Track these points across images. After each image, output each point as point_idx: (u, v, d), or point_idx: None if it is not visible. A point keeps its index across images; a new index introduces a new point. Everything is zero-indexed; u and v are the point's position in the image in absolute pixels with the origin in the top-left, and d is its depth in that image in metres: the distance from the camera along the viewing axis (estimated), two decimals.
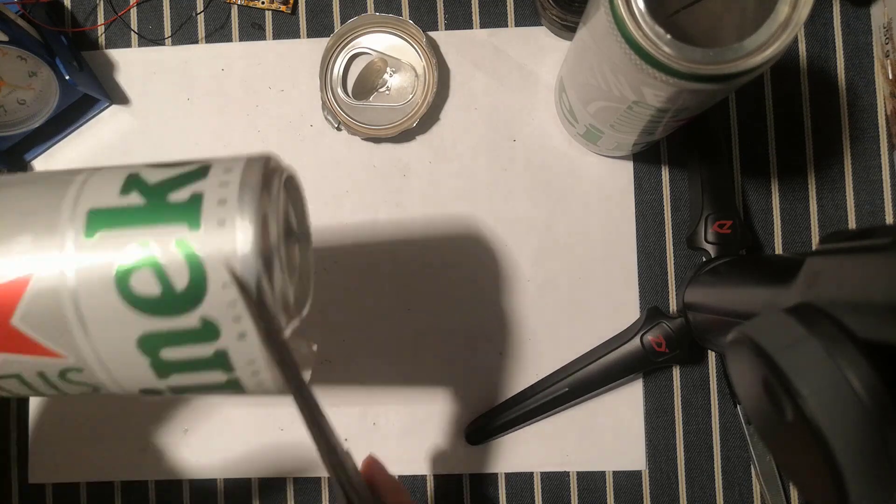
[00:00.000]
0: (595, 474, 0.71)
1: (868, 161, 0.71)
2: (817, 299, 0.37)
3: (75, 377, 0.40)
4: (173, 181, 0.38)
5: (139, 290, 0.37)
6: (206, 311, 0.37)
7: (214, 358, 0.39)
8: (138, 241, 0.37)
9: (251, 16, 0.74)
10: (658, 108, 0.52)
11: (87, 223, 0.37)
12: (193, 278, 0.37)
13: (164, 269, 0.36)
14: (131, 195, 0.37)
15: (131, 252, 0.37)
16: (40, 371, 0.40)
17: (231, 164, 0.38)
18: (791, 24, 0.43)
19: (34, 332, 0.38)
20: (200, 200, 0.37)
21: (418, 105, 0.71)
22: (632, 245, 0.72)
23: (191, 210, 0.37)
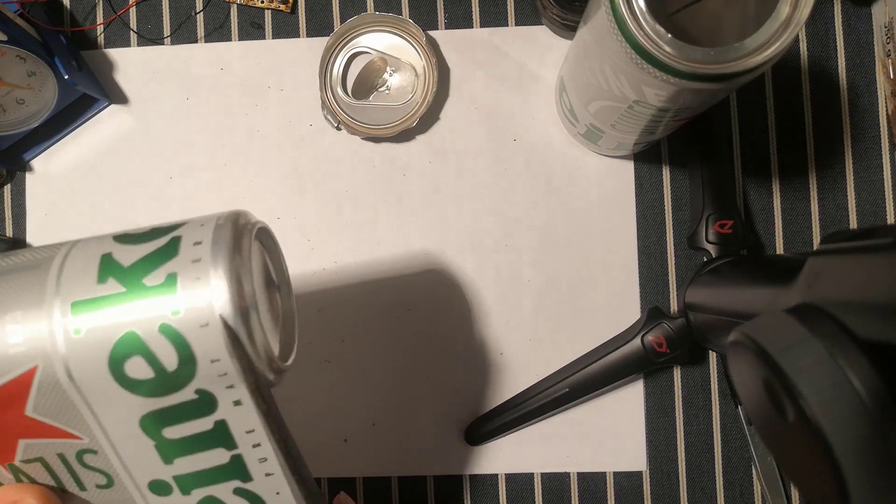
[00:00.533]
0: (596, 475, 0.71)
1: (869, 161, 0.71)
2: (818, 299, 0.36)
3: (91, 461, 0.42)
4: (146, 262, 0.38)
5: (133, 375, 0.38)
6: (199, 384, 0.39)
7: (215, 431, 0.41)
8: (125, 331, 0.38)
9: (250, 15, 0.74)
10: (659, 108, 0.52)
11: (73, 317, 0.38)
12: (182, 357, 0.38)
13: (153, 354, 0.38)
14: (108, 282, 0.38)
15: (120, 343, 0.38)
16: (60, 453, 0.42)
17: (200, 234, 0.39)
18: (792, 23, 0.43)
19: (48, 418, 0.40)
20: (175, 281, 0.38)
21: (418, 104, 0.71)
22: (632, 245, 0.72)
23: (168, 292, 0.38)
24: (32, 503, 0.42)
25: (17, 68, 0.66)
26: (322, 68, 0.72)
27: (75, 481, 0.44)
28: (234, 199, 0.73)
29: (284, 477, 0.43)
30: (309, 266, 0.72)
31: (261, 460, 0.42)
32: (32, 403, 0.39)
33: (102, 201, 0.74)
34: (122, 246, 0.39)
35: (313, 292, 0.72)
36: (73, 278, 0.39)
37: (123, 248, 0.39)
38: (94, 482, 0.44)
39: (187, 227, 0.40)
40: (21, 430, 0.41)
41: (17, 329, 0.38)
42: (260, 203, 0.73)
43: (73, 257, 0.40)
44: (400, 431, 0.72)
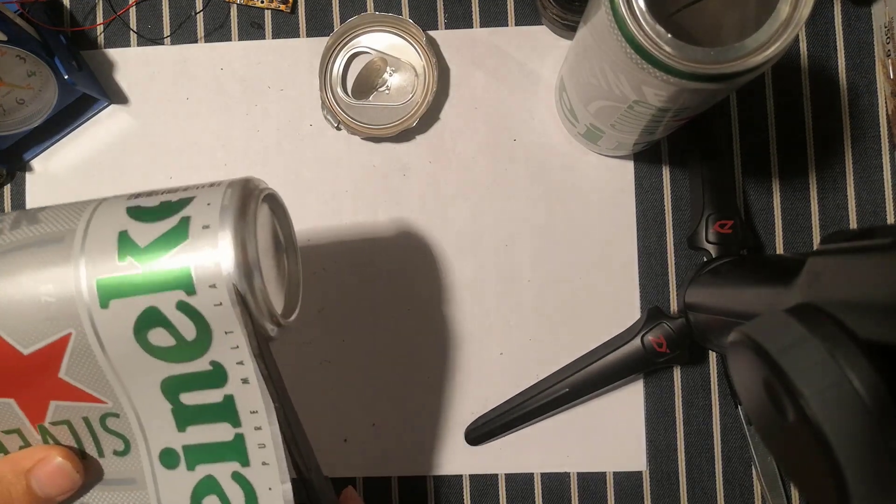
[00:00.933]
0: (596, 475, 0.71)
1: (869, 160, 0.71)
2: (818, 299, 0.36)
3: (113, 424, 0.46)
4: (161, 244, 0.41)
5: (156, 343, 0.42)
6: (214, 356, 0.43)
7: (223, 405, 0.44)
8: (146, 305, 0.41)
9: (250, 15, 0.74)
10: (659, 108, 0.52)
11: (98, 294, 0.41)
12: (199, 330, 0.41)
13: (173, 325, 0.41)
14: (127, 261, 0.41)
15: (143, 316, 0.41)
16: (85, 416, 0.46)
17: (208, 216, 0.41)
18: (792, 23, 0.43)
19: (79, 382, 0.44)
20: (190, 269, 0.40)
21: (418, 105, 0.71)
22: (632, 245, 0.72)
23: (184, 276, 0.40)
24: (59, 459, 0.46)
25: (17, 68, 0.66)
26: (322, 68, 0.71)
27: (96, 446, 0.47)
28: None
29: (279, 471, 0.45)
30: (309, 266, 0.72)
31: (260, 446, 0.45)
32: (65, 367, 0.43)
33: None
34: (137, 224, 0.42)
35: (313, 292, 0.72)
36: (95, 254, 0.41)
37: (138, 227, 0.41)
38: (112, 448, 0.47)
39: (196, 206, 0.42)
40: (53, 391, 0.44)
41: (50, 300, 0.41)
42: None
43: (93, 231, 0.42)
44: (400, 431, 0.72)
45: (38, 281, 0.41)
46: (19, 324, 0.42)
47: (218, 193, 0.42)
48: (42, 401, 0.45)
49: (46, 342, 0.42)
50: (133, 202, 0.44)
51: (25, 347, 0.42)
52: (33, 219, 0.44)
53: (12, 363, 0.42)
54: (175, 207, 0.42)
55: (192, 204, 0.42)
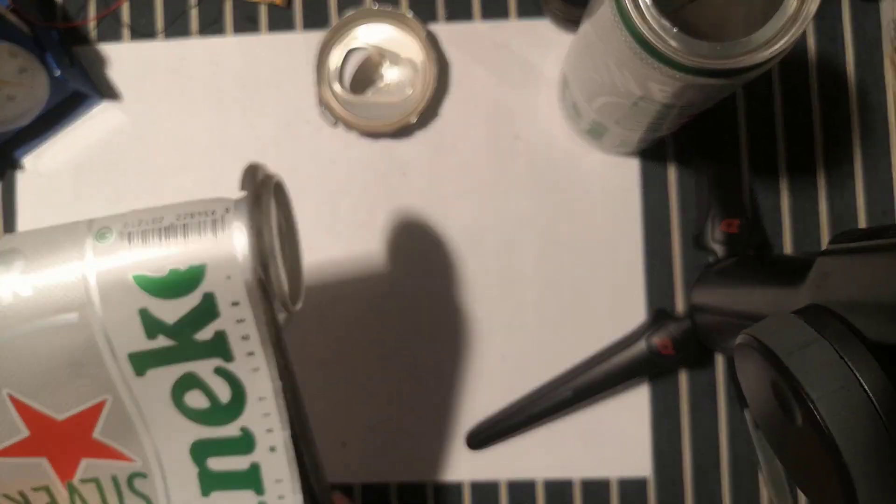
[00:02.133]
0: (599, 481, 0.71)
1: (878, 159, 0.70)
2: (827, 300, 0.37)
3: (140, 485, 0.47)
4: (192, 321, 0.41)
5: (192, 404, 0.43)
6: (245, 422, 0.44)
7: (249, 473, 0.46)
8: (184, 371, 0.42)
9: (245, 9, 0.74)
10: (664, 104, 0.51)
11: (132, 366, 0.42)
12: (234, 395, 0.43)
13: (210, 388, 0.43)
14: (159, 338, 0.41)
15: (180, 381, 0.42)
16: (114, 475, 0.47)
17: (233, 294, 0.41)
18: (800, 18, 0.43)
19: (112, 441, 0.45)
20: (225, 336, 0.41)
21: (417, 100, 0.70)
22: (637, 245, 0.71)
23: (220, 345, 0.42)
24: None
25: (7, 64, 0.65)
26: (318, 63, 0.71)
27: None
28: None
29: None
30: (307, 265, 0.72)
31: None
32: (100, 428, 0.44)
33: (94, 199, 0.74)
34: (155, 300, 0.41)
35: (313, 292, 0.72)
36: (120, 333, 0.41)
37: (158, 304, 0.41)
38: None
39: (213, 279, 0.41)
40: (86, 450, 0.45)
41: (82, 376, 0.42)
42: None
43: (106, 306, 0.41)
44: (400, 436, 0.72)
45: (64, 356, 0.41)
46: (52, 395, 0.42)
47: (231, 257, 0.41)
48: (74, 459, 0.46)
49: (81, 408, 0.43)
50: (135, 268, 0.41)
51: (60, 413, 0.43)
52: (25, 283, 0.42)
53: (47, 428, 0.43)
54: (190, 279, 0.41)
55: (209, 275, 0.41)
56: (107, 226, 0.41)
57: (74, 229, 0.41)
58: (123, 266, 0.40)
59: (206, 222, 0.40)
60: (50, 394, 0.42)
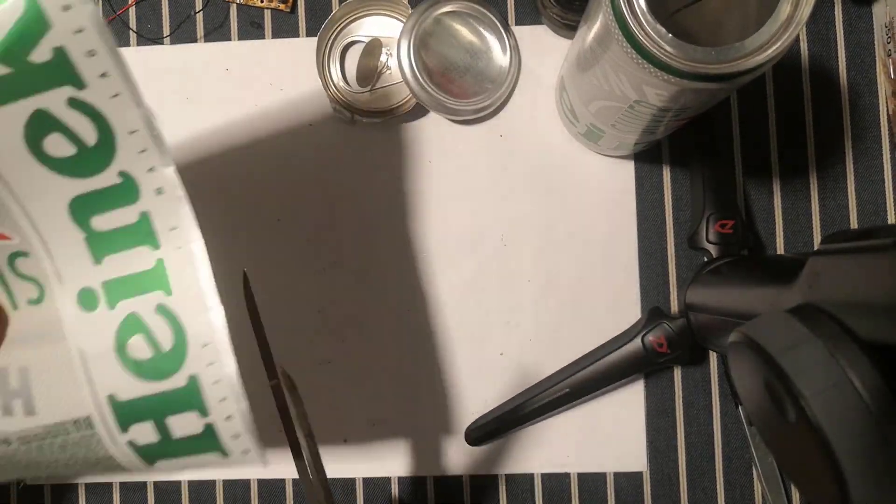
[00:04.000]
0: (596, 475, 0.71)
1: (870, 161, 0.71)
2: (819, 300, 0.37)
3: (23, 266, 0.42)
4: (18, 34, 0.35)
5: (55, 153, 0.38)
6: (122, 164, 0.38)
7: (140, 225, 0.40)
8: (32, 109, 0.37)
9: (250, 14, 0.74)
10: (660, 108, 0.52)
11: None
12: (100, 131, 0.37)
13: (69, 128, 0.37)
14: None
15: (31, 123, 0.37)
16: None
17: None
18: (793, 23, 0.43)
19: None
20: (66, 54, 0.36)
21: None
22: (633, 245, 0.72)
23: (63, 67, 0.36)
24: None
25: None
26: (320, 65, 0.71)
27: (7, 295, 0.43)
28: (233, 200, 0.73)
29: (205, 295, 0.41)
30: (309, 266, 0.72)
31: (179, 270, 0.41)
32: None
33: None
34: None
35: (313, 292, 0.72)
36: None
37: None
38: (25, 296, 0.43)
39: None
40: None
41: None
42: (260, 204, 0.73)
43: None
44: (400, 432, 0.72)
45: None
46: None
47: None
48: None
49: None
50: None
51: None
52: None
53: None
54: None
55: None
56: None
57: None
58: None
59: None
60: None
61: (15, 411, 0.44)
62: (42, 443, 0.44)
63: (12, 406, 0.44)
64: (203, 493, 0.72)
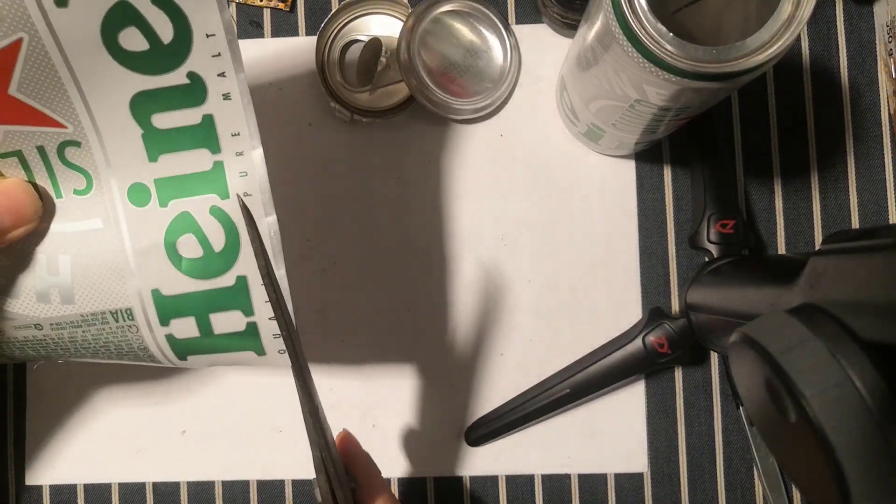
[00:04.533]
0: (596, 476, 0.71)
1: (871, 160, 0.71)
2: (820, 300, 0.36)
3: (73, 156, 0.41)
4: None
5: (128, 46, 0.37)
6: (193, 65, 0.38)
7: (202, 128, 0.40)
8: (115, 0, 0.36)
9: (249, 13, 0.74)
10: (660, 107, 0.52)
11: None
12: (177, 28, 0.37)
13: (148, 23, 0.37)
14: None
15: (112, 12, 0.36)
16: (40, 145, 0.40)
17: None
18: (794, 22, 0.44)
19: (34, 100, 0.38)
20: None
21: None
22: (634, 245, 0.72)
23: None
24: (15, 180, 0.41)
25: None
26: (319, 65, 0.71)
27: (53, 184, 0.42)
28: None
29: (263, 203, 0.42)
30: (309, 266, 0.72)
31: (241, 174, 0.42)
32: (17, 81, 0.38)
33: None
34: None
35: (313, 292, 0.72)
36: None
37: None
38: (71, 185, 0.42)
39: None
40: (2, 112, 0.39)
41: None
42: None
43: None
44: (400, 432, 0.72)
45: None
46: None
47: None
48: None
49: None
50: None
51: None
52: None
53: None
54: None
55: None
56: None
57: None
58: None
59: None
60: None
61: (52, 299, 0.44)
62: (75, 330, 0.45)
63: (49, 294, 0.44)
64: (202, 494, 0.72)
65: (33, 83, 0.38)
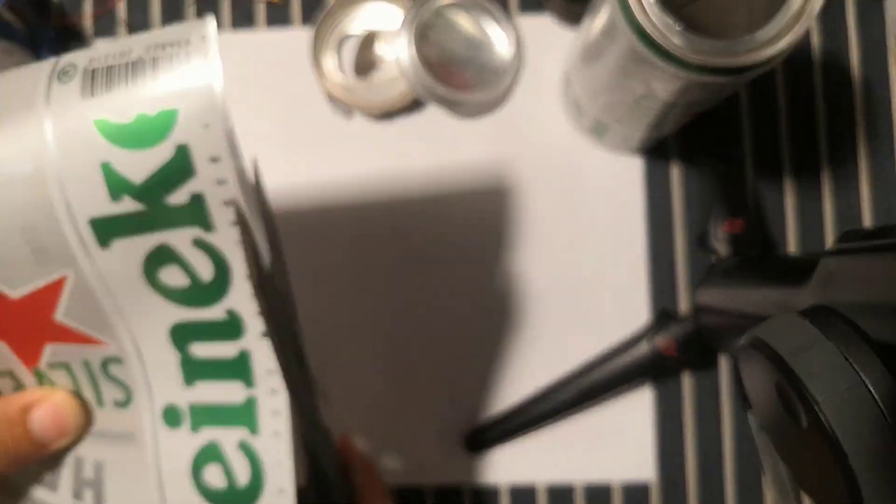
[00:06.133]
0: (602, 484, 0.71)
1: (883, 158, 0.70)
2: (832, 301, 0.36)
3: (115, 371, 0.42)
4: (161, 180, 0.36)
5: (168, 282, 0.38)
6: (231, 304, 0.39)
7: (238, 362, 0.41)
8: (156, 244, 0.37)
9: (243, 6, 0.74)
10: (667, 102, 0.52)
11: (95, 234, 0.37)
12: (217, 271, 0.38)
13: (189, 264, 0.38)
14: (125, 200, 0.36)
15: (153, 255, 0.38)
16: (85, 360, 0.42)
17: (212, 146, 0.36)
18: (803, 16, 0.44)
19: (78, 324, 0.40)
20: (203, 201, 0.36)
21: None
22: (641, 245, 0.71)
23: (197, 211, 0.36)
24: (62, 396, 0.43)
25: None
26: (315, 59, 0.71)
27: (95, 394, 0.44)
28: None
29: (289, 446, 0.42)
30: (301, 266, 0.72)
31: (273, 413, 0.42)
32: (63, 309, 0.39)
33: None
34: (119, 151, 0.35)
35: (308, 293, 0.72)
36: (79, 190, 0.36)
37: (123, 157, 0.35)
38: (112, 398, 0.44)
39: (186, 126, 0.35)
40: (49, 334, 0.41)
41: (37, 243, 0.37)
42: None
43: (63, 154, 0.35)
44: (398, 439, 0.72)
45: (16, 218, 0.36)
46: (4, 267, 0.38)
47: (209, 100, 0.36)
48: (37, 344, 0.42)
49: (39, 285, 0.38)
50: (97, 112, 0.35)
51: (14, 290, 0.39)
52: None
53: (1, 307, 0.39)
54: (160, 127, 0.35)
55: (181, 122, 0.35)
56: (72, 62, 0.36)
57: (38, 69, 0.37)
58: (85, 109, 0.35)
59: (178, 55, 0.35)
60: (1, 266, 0.38)
61: (85, 498, 0.46)
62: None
63: (83, 493, 0.46)
64: None
65: (78, 310, 0.39)
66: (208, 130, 0.35)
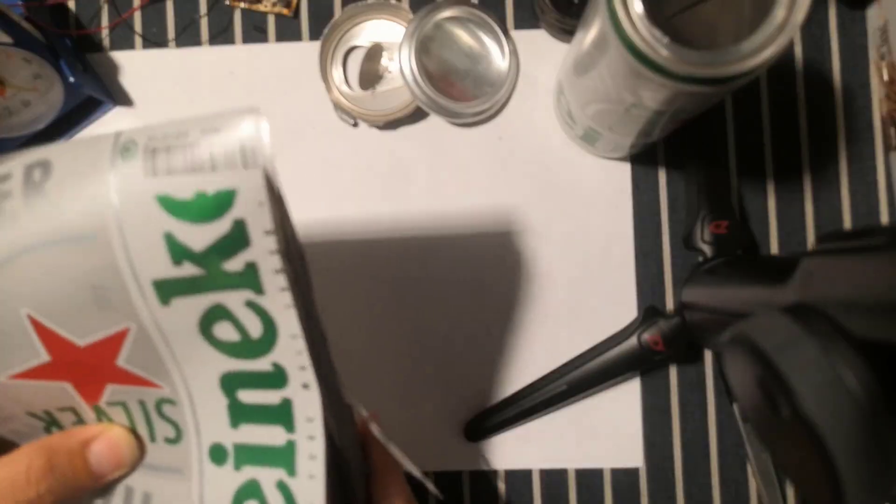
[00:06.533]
0: (593, 471, 0.72)
1: (863, 163, 0.72)
2: (813, 299, 0.37)
3: (168, 411, 0.45)
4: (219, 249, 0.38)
5: (221, 336, 0.41)
6: (277, 357, 0.41)
7: (281, 408, 0.43)
8: (212, 303, 0.39)
9: (254, 19, 0.74)
10: (655, 111, 0.52)
11: (157, 293, 0.39)
12: (266, 329, 0.40)
13: (240, 322, 0.40)
14: (185, 265, 0.38)
15: (208, 312, 0.40)
16: (141, 399, 0.45)
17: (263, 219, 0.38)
18: (787, 26, 0.44)
19: (137, 369, 0.43)
20: (256, 268, 0.38)
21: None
22: (629, 245, 0.73)
23: (250, 277, 0.39)
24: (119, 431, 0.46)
25: (22, 71, 0.66)
26: (323, 69, 0.72)
27: (148, 430, 0.46)
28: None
29: (324, 489, 0.43)
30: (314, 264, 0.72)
31: (310, 457, 0.44)
32: (124, 356, 0.42)
33: None
34: (180, 224, 0.37)
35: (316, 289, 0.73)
36: (145, 260, 0.38)
37: (184, 229, 0.37)
38: (164, 434, 0.46)
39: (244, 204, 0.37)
40: (110, 376, 0.43)
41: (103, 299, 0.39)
42: None
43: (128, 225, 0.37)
44: (399, 427, 0.73)
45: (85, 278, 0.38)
46: (73, 319, 0.40)
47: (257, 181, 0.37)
48: (98, 384, 0.44)
49: (103, 335, 0.41)
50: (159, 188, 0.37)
51: (81, 339, 0.41)
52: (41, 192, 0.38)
53: (68, 353, 0.41)
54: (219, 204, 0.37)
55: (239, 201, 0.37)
56: (132, 139, 0.38)
57: (99, 142, 0.38)
58: (147, 185, 0.37)
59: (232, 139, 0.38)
60: (71, 317, 0.39)
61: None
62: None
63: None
64: None
65: (138, 357, 0.42)
66: (263, 208, 0.37)
